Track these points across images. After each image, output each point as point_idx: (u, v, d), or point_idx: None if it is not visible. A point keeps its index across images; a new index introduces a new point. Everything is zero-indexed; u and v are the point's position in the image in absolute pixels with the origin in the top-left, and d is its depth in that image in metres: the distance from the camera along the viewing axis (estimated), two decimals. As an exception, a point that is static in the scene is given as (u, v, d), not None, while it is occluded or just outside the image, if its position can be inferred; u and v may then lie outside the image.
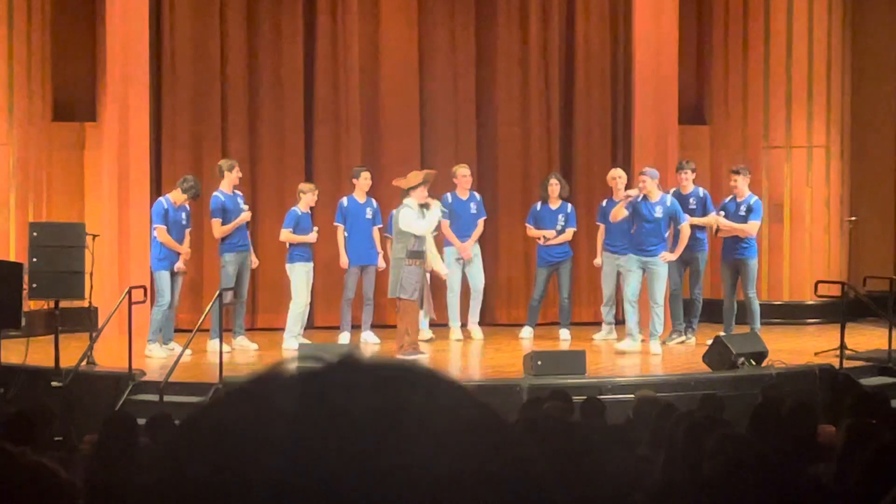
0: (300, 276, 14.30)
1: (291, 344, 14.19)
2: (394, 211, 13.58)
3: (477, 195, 15.21)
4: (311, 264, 14.42)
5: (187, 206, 14.00)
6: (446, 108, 16.80)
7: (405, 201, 13.15)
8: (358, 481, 1.03)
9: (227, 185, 14.19)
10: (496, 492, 1.06)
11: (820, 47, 16.72)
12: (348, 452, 1.04)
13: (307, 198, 14.39)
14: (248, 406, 1.09)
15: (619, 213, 13.98)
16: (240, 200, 14.26)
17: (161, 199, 13.95)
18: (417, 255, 13.09)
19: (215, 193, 14.24)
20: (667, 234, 13.78)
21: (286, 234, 14.33)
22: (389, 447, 1.04)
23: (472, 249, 15.04)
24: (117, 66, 15.21)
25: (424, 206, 13.30)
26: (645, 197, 13.75)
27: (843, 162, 17.08)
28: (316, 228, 14.36)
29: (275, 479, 1.04)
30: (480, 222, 15.08)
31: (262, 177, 16.18)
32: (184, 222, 13.88)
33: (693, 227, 14.35)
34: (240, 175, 14.30)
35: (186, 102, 16.22)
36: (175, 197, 13.82)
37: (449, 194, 15.09)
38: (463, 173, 15.14)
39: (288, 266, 14.39)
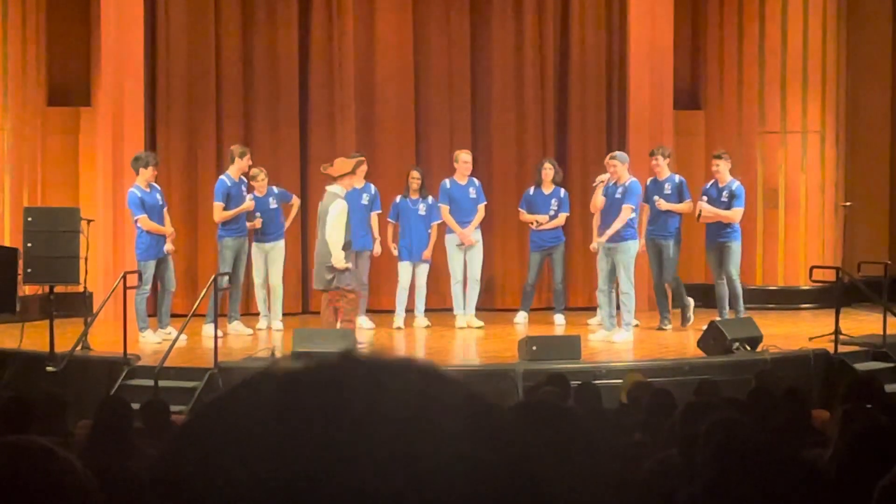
0: (253, 257, 14.54)
1: (261, 324, 14.53)
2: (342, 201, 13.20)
3: (476, 180, 15.14)
4: (265, 245, 14.50)
5: (158, 187, 13.94)
6: (441, 95, 16.78)
7: (333, 190, 12.54)
8: (353, 477, 1.03)
9: (235, 171, 14.20)
10: (491, 482, 1.06)
11: (815, 32, 16.71)
12: (342, 449, 1.04)
13: (258, 184, 14.48)
14: (240, 407, 1.10)
15: (598, 200, 14.04)
16: (243, 188, 14.28)
17: (131, 189, 13.70)
18: (347, 245, 12.64)
19: (221, 177, 14.29)
20: (631, 218, 13.75)
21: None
22: (384, 442, 1.05)
23: (474, 235, 14.99)
24: (112, 51, 15.19)
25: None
26: (614, 182, 13.79)
27: (838, 147, 17.09)
28: (257, 214, 14.36)
29: (269, 477, 1.04)
30: (481, 207, 15.01)
31: (256, 164, 16.14)
32: (160, 203, 13.82)
33: (667, 213, 14.32)
34: (249, 163, 14.30)
35: (181, 88, 16.19)
36: (141, 180, 13.69)
37: (447, 180, 15.06)
38: (465, 159, 15.04)
39: (254, 245, 14.66)
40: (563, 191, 15.25)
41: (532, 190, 15.28)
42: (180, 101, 16.19)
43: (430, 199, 15.01)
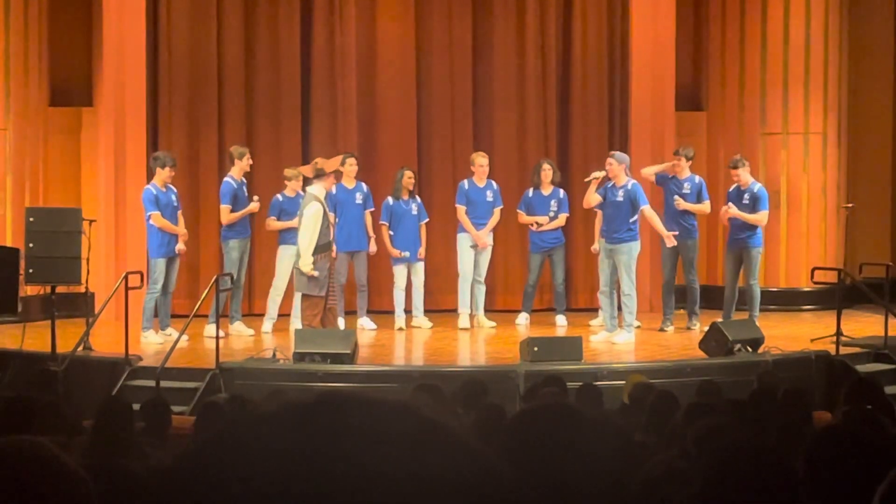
0: (283, 259, 14.34)
1: (267, 326, 14.44)
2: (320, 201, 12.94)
3: (494, 184, 15.09)
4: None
5: (175, 189, 13.98)
6: (443, 95, 16.78)
7: (312, 191, 12.48)
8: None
9: (238, 171, 14.23)
10: (460, 497, 1.09)
11: (817, 33, 16.70)
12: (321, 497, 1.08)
13: (292, 184, 14.45)
14: (232, 451, 1.13)
15: (591, 197, 14.03)
16: (245, 189, 14.30)
17: (147, 186, 13.86)
18: (325, 247, 12.47)
19: (226, 179, 14.31)
20: (632, 220, 13.75)
21: (268, 222, 14.46)
22: (361, 476, 1.08)
23: (487, 238, 14.98)
24: (114, 52, 15.20)
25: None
26: (614, 183, 13.79)
27: (840, 148, 17.08)
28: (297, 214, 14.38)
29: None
30: (497, 211, 14.98)
31: (258, 163, 16.14)
32: (175, 204, 13.88)
33: (684, 212, 14.33)
34: (250, 163, 14.31)
35: (183, 88, 16.20)
36: (158, 179, 13.77)
37: (466, 181, 15.05)
38: (480, 163, 15.00)
39: (279, 248, 14.49)
40: (562, 191, 15.24)
41: (531, 191, 15.27)
42: (182, 101, 16.20)
43: (417, 198, 15.01)
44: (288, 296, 14.53)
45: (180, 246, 13.80)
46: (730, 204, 14.32)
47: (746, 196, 14.27)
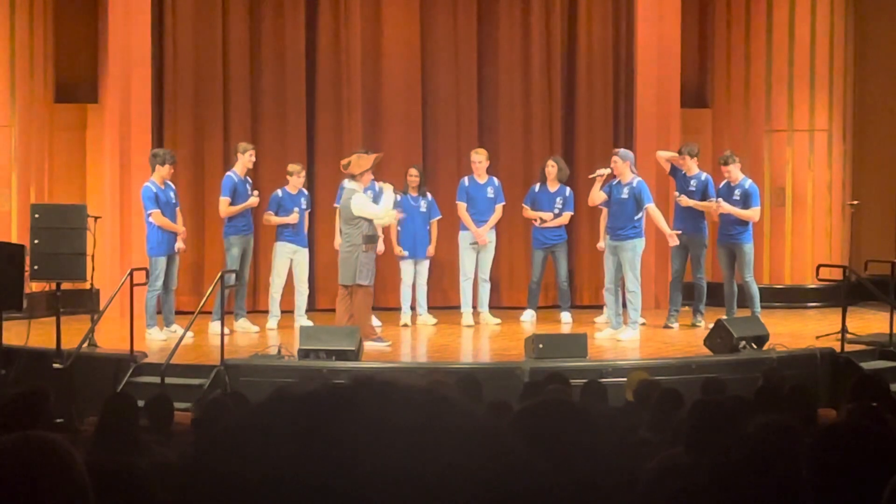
0: (279, 255, 14.48)
1: (272, 323, 14.48)
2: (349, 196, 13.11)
3: (496, 180, 15.09)
4: (294, 246, 14.44)
5: (173, 186, 13.98)
6: (448, 92, 16.78)
7: (349, 185, 12.77)
8: (363, 491, 1.07)
9: (241, 167, 14.24)
10: (485, 489, 1.10)
11: (822, 30, 16.69)
12: (352, 467, 1.08)
13: (294, 179, 14.49)
14: (256, 427, 1.13)
15: (596, 195, 14.02)
16: (248, 186, 14.31)
17: (146, 184, 13.81)
18: (372, 239, 12.84)
19: (229, 173, 14.34)
20: (637, 218, 13.74)
21: (266, 217, 14.48)
22: (391, 460, 1.08)
23: (488, 235, 14.97)
24: (119, 48, 15.21)
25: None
26: (619, 181, 13.78)
27: (845, 145, 17.07)
28: (295, 209, 14.39)
29: (283, 488, 1.08)
30: (498, 208, 14.98)
31: (263, 161, 16.14)
32: (174, 201, 13.87)
33: (693, 210, 14.34)
34: (252, 160, 14.31)
35: (188, 85, 16.21)
36: (157, 176, 13.76)
37: (466, 178, 15.06)
38: (473, 159, 15.01)
39: (276, 244, 14.57)
40: (568, 189, 15.23)
41: (538, 187, 15.27)
42: (187, 97, 16.20)
43: (429, 196, 15.01)
44: (289, 292, 14.56)
45: (179, 244, 13.78)
46: (720, 199, 14.30)
47: (737, 192, 14.26)
